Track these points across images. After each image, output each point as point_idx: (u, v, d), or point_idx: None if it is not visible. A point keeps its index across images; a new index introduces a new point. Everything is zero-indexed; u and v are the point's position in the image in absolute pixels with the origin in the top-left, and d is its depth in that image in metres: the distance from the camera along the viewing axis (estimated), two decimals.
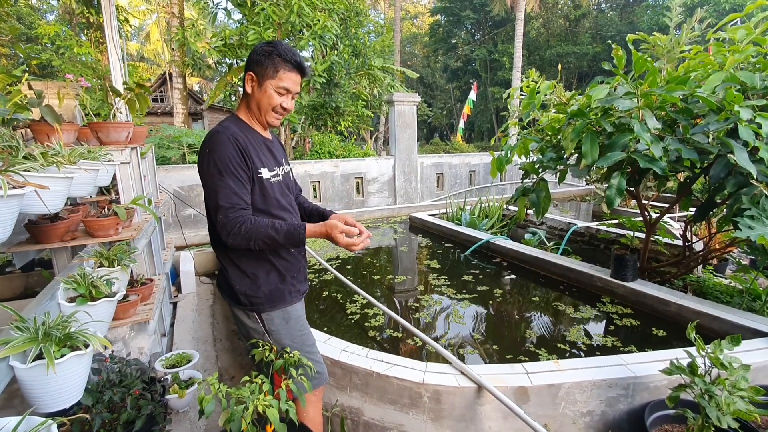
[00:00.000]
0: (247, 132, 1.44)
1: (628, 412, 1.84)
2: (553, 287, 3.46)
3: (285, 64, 1.38)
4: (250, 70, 1.41)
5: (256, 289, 1.48)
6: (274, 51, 1.38)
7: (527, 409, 1.70)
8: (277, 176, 1.51)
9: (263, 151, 1.48)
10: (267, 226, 1.33)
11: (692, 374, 1.62)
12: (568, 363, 1.90)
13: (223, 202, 1.31)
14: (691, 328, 1.67)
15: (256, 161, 1.41)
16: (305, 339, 1.57)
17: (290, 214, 1.56)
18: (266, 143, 1.52)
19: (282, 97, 1.42)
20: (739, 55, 2.57)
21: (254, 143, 1.44)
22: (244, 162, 1.36)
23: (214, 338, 3.26)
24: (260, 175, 1.42)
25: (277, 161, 1.54)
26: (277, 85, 1.39)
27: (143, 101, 2.78)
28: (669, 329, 2.62)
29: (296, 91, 1.44)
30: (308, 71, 1.46)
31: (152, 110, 15.65)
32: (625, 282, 2.99)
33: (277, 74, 1.38)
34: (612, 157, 2.31)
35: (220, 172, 1.32)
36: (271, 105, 1.42)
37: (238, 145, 1.35)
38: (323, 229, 1.38)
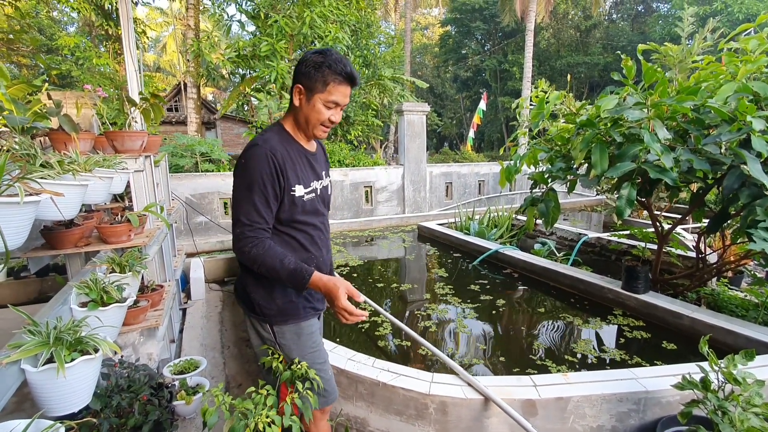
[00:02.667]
0: (289, 145, 1.39)
1: (639, 428, 1.80)
2: (563, 299, 3.42)
3: (335, 77, 1.30)
4: (299, 83, 1.34)
5: (270, 301, 1.45)
6: (324, 62, 1.30)
7: (535, 422, 1.67)
8: (312, 192, 1.44)
9: (303, 165, 1.42)
10: (276, 257, 1.29)
11: (705, 390, 1.58)
12: (577, 376, 1.87)
13: (244, 218, 1.30)
14: (703, 342, 1.64)
15: (292, 178, 1.35)
16: (316, 356, 1.51)
17: (318, 231, 1.49)
18: (308, 156, 1.45)
19: (330, 110, 1.35)
20: (751, 66, 2.54)
21: (294, 157, 1.38)
22: (277, 180, 1.31)
23: (222, 345, 3.27)
24: (293, 192, 1.36)
25: (317, 175, 1.48)
26: (327, 99, 1.32)
27: (158, 111, 2.85)
28: (681, 343, 2.56)
29: (345, 103, 1.37)
30: (358, 80, 1.38)
31: (166, 119, 15.97)
32: (636, 294, 2.94)
33: (326, 87, 1.31)
34: (622, 167, 2.29)
35: (249, 187, 1.30)
36: (319, 120, 1.35)
37: (275, 162, 1.30)
38: (330, 284, 1.28)
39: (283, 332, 1.47)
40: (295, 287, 1.35)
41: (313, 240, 1.48)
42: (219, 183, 6.26)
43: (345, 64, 1.31)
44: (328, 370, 1.55)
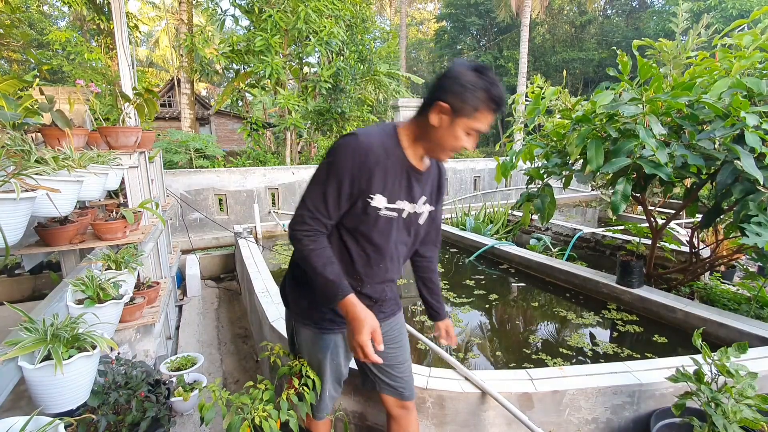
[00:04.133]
0: (391, 151, 1.20)
1: (633, 420, 1.83)
2: (559, 293, 3.44)
3: (489, 103, 1.13)
4: (444, 100, 1.13)
5: (297, 297, 1.41)
6: (481, 84, 1.11)
7: (531, 415, 1.69)
8: (395, 211, 1.26)
9: (398, 178, 1.23)
10: (321, 259, 1.18)
11: (698, 382, 1.60)
12: (573, 369, 1.89)
13: (310, 203, 1.19)
14: (697, 335, 1.66)
15: (376, 184, 1.19)
16: (323, 371, 1.43)
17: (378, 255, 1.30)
18: (410, 172, 1.26)
19: (470, 138, 1.18)
20: (745, 61, 2.56)
21: (390, 166, 1.20)
22: (358, 179, 1.17)
23: (218, 342, 3.27)
24: (369, 200, 1.20)
25: (413, 196, 1.29)
26: (471, 126, 1.15)
27: (152, 106, 2.82)
28: (675, 336, 2.59)
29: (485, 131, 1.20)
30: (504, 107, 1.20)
31: (160, 115, 15.83)
32: (630, 288, 2.97)
33: (475, 114, 1.13)
34: (617, 162, 2.31)
35: (327, 174, 1.17)
36: (455, 147, 1.19)
37: (364, 160, 1.16)
38: (360, 315, 1.17)
39: (299, 332, 1.44)
40: (324, 299, 1.25)
41: (369, 262, 1.30)
42: (214, 179, 6.23)
43: (500, 88, 1.15)
44: (329, 390, 1.45)
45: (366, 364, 1.42)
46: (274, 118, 8.89)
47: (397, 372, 1.47)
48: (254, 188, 6.50)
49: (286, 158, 7.78)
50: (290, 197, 6.82)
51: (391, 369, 1.46)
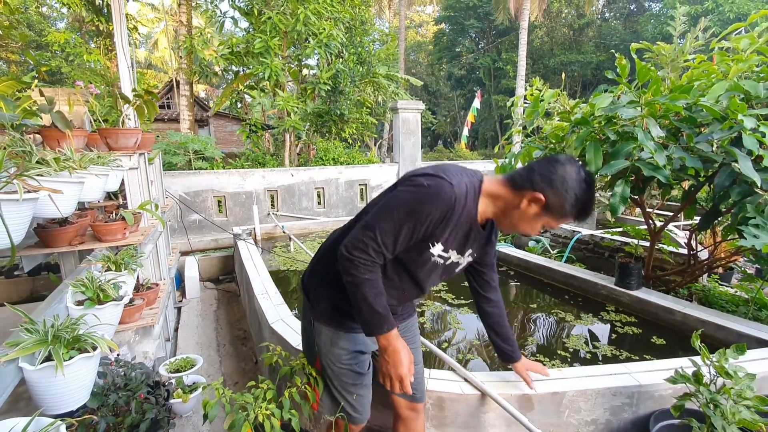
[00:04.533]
0: (467, 209, 1.17)
1: (632, 421, 1.83)
2: (557, 295, 3.45)
3: (578, 215, 1.15)
4: (544, 193, 1.11)
5: (320, 295, 1.38)
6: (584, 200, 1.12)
7: (531, 417, 1.69)
8: (444, 258, 1.27)
9: (460, 232, 1.22)
10: (372, 290, 1.16)
11: (697, 383, 1.61)
12: (572, 371, 1.89)
13: (379, 234, 1.13)
14: (695, 337, 1.67)
15: (441, 235, 1.19)
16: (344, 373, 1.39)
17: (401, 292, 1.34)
18: (473, 229, 1.24)
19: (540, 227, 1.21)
20: (742, 65, 2.58)
21: (460, 221, 1.18)
22: (433, 227, 1.15)
23: (217, 343, 3.27)
24: (430, 246, 1.21)
25: (462, 248, 1.29)
26: (550, 224, 1.18)
27: (151, 108, 2.83)
28: (673, 338, 2.60)
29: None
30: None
31: (159, 117, 15.83)
32: (629, 290, 2.98)
33: (562, 218, 1.15)
34: (616, 165, 2.32)
35: (409, 213, 1.12)
36: (526, 232, 1.22)
37: (448, 214, 1.13)
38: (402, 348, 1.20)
39: (320, 331, 1.39)
40: (364, 327, 1.23)
41: (402, 289, 1.33)
42: (213, 181, 6.23)
43: (594, 204, 1.17)
44: (353, 393, 1.41)
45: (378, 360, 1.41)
46: (273, 119, 8.89)
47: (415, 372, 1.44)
48: (253, 190, 6.51)
49: (285, 160, 7.79)
50: (289, 199, 6.82)
51: None
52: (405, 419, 1.53)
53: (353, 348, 1.38)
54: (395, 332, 1.20)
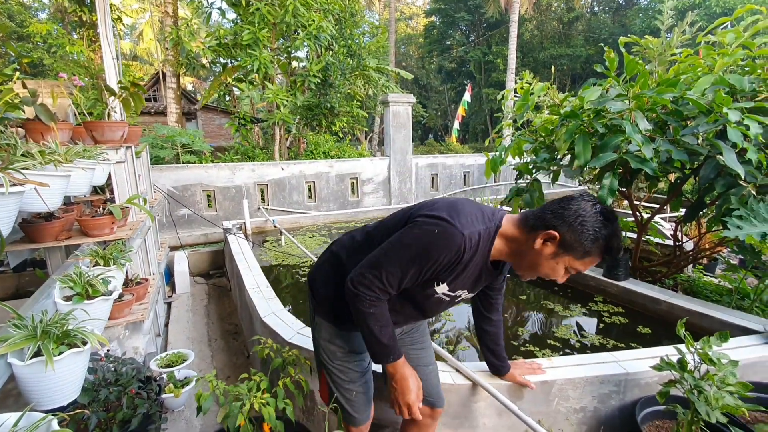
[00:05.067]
0: (480, 256, 1.16)
1: (619, 408, 1.88)
2: (547, 287, 3.50)
3: (604, 253, 1.08)
4: (557, 229, 1.07)
5: (322, 291, 1.37)
6: (605, 235, 1.06)
7: (521, 405, 1.72)
8: (451, 297, 1.27)
9: (469, 275, 1.20)
10: (378, 322, 1.17)
11: (682, 370, 1.65)
12: (561, 360, 1.93)
13: (385, 277, 1.13)
14: (680, 325, 1.71)
15: (446, 278, 1.18)
16: (342, 371, 1.38)
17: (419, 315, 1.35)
18: (484, 271, 1.22)
19: (566, 274, 1.14)
20: (728, 58, 2.63)
21: (470, 267, 1.16)
22: (439, 271, 1.15)
23: (209, 338, 3.26)
24: (435, 285, 1.20)
25: (471, 287, 1.28)
26: (574, 266, 1.11)
27: (138, 100, 2.78)
28: (659, 327, 2.66)
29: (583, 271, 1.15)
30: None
31: (145, 110, 15.56)
32: (617, 281, 3.04)
33: (585, 258, 1.08)
34: (604, 157, 2.35)
35: (415, 257, 1.11)
36: (547, 276, 1.14)
37: (455, 260, 1.12)
38: (409, 376, 1.22)
39: (319, 326, 1.39)
40: (370, 354, 1.24)
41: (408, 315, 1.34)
42: (202, 174, 6.16)
43: (620, 239, 1.10)
44: (352, 392, 1.39)
45: None
46: (262, 113, 8.81)
47: (422, 375, 1.41)
48: (243, 184, 6.45)
49: (275, 154, 7.73)
50: (279, 193, 6.78)
51: (418, 370, 1.38)
52: (420, 425, 1.51)
53: (349, 348, 1.38)
54: (402, 360, 1.21)
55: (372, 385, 1.49)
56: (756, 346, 2.10)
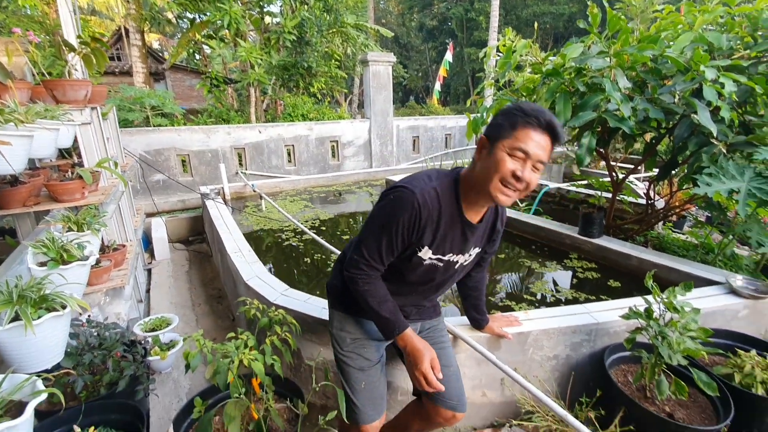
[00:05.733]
0: (446, 207, 1.19)
1: (590, 355, 2.00)
2: (526, 246, 3.61)
3: (527, 120, 1.06)
4: (484, 134, 1.14)
5: (335, 283, 1.45)
6: (521, 108, 1.08)
7: (499, 355, 1.81)
8: (444, 262, 1.28)
9: (453, 235, 1.23)
10: (376, 299, 1.25)
11: (648, 318, 1.76)
12: (537, 313, 2.02)
13: (366, 251, 1.23)
14: (648, 277, 1.81)
15: (426, 238, 1.20)
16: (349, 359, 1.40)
17: (422, 291, 1.38)
18: (466, 228, 1.24)
19: (516, 162, 1.07)
20: (708, 15, 2.63)
21: (443, 223, 1.19)
22: (409, 233, 1.18)
23: (192, 303, 3.27)
24: (418, 251, 1.22)
25: (462, 249, 1.29)
26: (512, 146, 1.07)
27: (101, 57, 2.62)
28: (630, 281, 2.80)
29: (539, 158, 1.08)
30: (561, 137, 1.11)
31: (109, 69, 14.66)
32: (591, 239, 3.15)
33: (513, 132, 1.07)
34: (584, 116, 2.37)
35: (383, 226, 1.19)
36: (499, 172, 1.08)
37: (416, 218, 1.15)
38: (418, 346, 1.27)
39: (332, 317, 1.45)
40: (383, 333, 1.31)
41: (406, 292, 1.38)
42: (175, 138, 5.94)
43: (542, 111, 1.08)
44: (361, 382, 1.38)
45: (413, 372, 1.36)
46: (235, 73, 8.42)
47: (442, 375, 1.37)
48: (219, 148, 6.27)
49: (251, 116, 7.48)
50: (258, 157, 6.63)
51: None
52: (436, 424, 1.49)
53: (358, 333, 1.42)
54: (409, 331, 1.28)
55: (384, 385, 1.46)
56: (718, 296, 2.24)
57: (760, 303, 2.23)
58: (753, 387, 1.82)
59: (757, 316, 2.26)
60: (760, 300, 2.21)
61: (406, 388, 1.90)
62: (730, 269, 2.72)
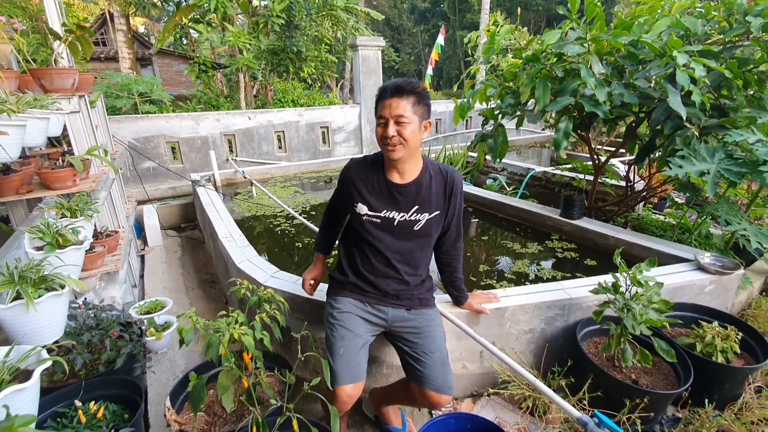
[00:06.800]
0: (371, 171, 1.57)
1: (563, 329, 2.13)
2: (510, 228, 3.72)
3: (379, 95, 1.46)
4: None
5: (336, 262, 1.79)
6: (379, 89, 1.49)
7: (477, 329, 1.93)
8: (384, 219, 1.56)
9: (376, 191, 1.56)
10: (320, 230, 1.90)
11: (615, 292, 1.88)
12: (514, 290, 2.14)
13: (330, 201, 1.81)
14: (617, 255, 1.92)
15: (356, 195, 1.58)
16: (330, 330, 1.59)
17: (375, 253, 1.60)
18: (390, 187, 1.55)
19: (381, 127, 1.45)
20: (686, 0, 2.70)
21: (369, 182, 1.57)
22: (343, 191, 1.65)
23: (186, 287, 3.35)
24: (355, 207, 1.58)
25: (398, 206, 1.56)
26: (377, 117, 1.47)
27: (86, 44, 2.63)
28: (606, 260, 2.92)
29: (395, 115, 1.41)
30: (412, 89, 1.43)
31: (95, 55, 14.36)
32: (571, 220, 3.26)
33: (376, 108, 1.48)
34: (561, 101, 2.45)
35: (338, 185, 1.70)
36: (378, 138, 1.48)
37: (345, 178, 1.62)
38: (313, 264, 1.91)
39: (327, 293, 1.77)
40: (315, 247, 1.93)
41: (369, 259, 1.62)
42: (163, 125, 5.93)
43: (391, 83, 1.44)
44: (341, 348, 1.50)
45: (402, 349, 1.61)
46: (223, 58, 8.34)
47: (426, 360, 1.53)
48: (209, 135, 6.27)
49: (241, 102, 7.45)
50: (248, 144, 6.64)
51: (420, 356, 1.54)
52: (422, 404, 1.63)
53: (340, 308, 1.62)
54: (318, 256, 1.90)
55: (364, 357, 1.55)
56: (686, 272, 2.37)
57: (726, 278, 2.36)
58: (713, 355, 1.96)
59: (722, 291, 2.39)
60: (725, 276, 2.34)
61: (391, 363, 2.02)
62: (703, 248, 2.84)
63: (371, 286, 1.63)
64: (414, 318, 1.64)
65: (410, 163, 1.53)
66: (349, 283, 1.66)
